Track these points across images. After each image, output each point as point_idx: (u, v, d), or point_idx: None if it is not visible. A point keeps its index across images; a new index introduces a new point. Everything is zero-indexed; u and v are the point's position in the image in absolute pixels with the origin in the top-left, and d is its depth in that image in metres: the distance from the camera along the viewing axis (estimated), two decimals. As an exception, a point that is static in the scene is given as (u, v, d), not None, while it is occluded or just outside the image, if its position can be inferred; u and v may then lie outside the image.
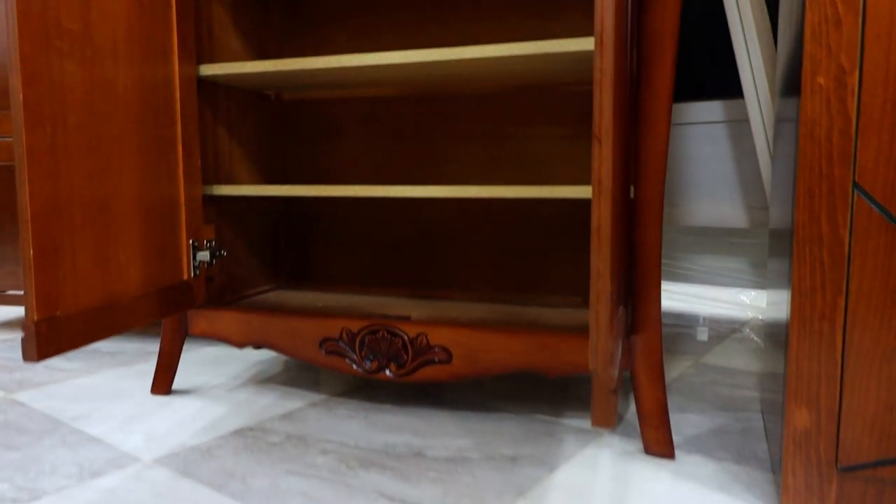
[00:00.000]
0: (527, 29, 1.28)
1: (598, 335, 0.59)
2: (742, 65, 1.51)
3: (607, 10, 0.60)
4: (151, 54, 1.05)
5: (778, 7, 1.56)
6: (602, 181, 0.57)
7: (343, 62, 1.10)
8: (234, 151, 1.33)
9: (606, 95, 0.56)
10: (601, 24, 0.57)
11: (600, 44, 0.57)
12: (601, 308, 0.58)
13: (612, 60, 0.59)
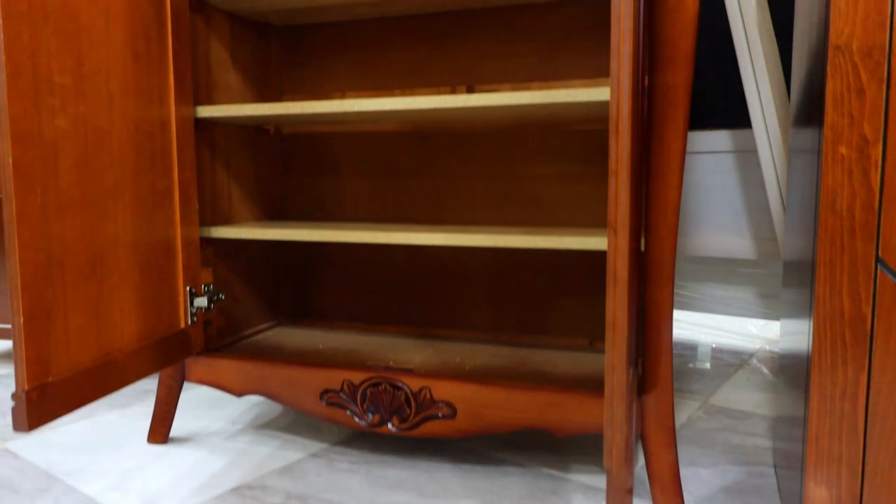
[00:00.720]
0: (529, 65, 1.25)
1: (613, 432, 0.56)
2: (750, 95, 1.48)
3: (623, 99, 0.58)
4: (147, 101, 1.02)
5: (785, 34, 1.53)
6: (618, 273, 0.54)
7: (344, 107, 1.07)
8: (232, 189, 1.30)
9: (623, 185, 0.53)
10: (617, 111, 0.54)
11: (616, 132, 0.54)
12: (616, 405, 0.55)
13: (629, 148, 0.56)
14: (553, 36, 1.24)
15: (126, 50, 0.97)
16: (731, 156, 1.66)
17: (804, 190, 0.89)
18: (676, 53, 0.83)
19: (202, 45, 1.20)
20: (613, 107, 0.69)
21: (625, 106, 0.73)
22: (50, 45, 0.83)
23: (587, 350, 1.25)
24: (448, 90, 1.32)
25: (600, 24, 1.21)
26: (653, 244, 0.89)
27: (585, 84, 1.22)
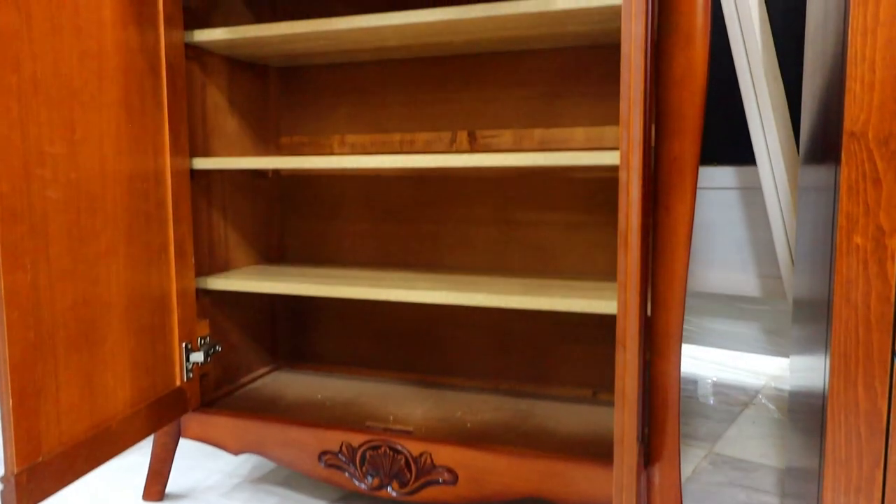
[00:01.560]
0: (531, 110, 1.23)
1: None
2: (755, 135, 1.46)
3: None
4: (142, 159, 1.00)
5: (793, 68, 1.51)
6: (626, 391, 0.52)
7: (343, 163, 1.04)
8: (229, 234, 1.28)
9: (632, 304, 0.51)
10: (625, 224, 0.52)
11: (624, 245, 0.52)
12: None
13: (638, 263, 0.54)
14: (555, 81, 1.21)
15: (120, 109, 0.95)
16: (735, 192, 1.64)
17: (815, 228, 0.87)
18: (684, 124, 0.81)
19: (198, 92, 1.18)
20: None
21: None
22: (40, 115, 0.81)
23: (591, 402, 1.23)
24: (448, 135, 1.29)
25: (603, 70, 1.19)
26: (659, 315, 0.87)
27: (588, 132, 1.20)
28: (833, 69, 0.79)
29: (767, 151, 1.45)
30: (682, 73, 0.81)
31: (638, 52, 0.70)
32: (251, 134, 1.34)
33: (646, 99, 0.75)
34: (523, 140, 1.24)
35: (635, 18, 0.74)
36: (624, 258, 0.70)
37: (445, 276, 1.18)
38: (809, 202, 1.00)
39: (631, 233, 0.69)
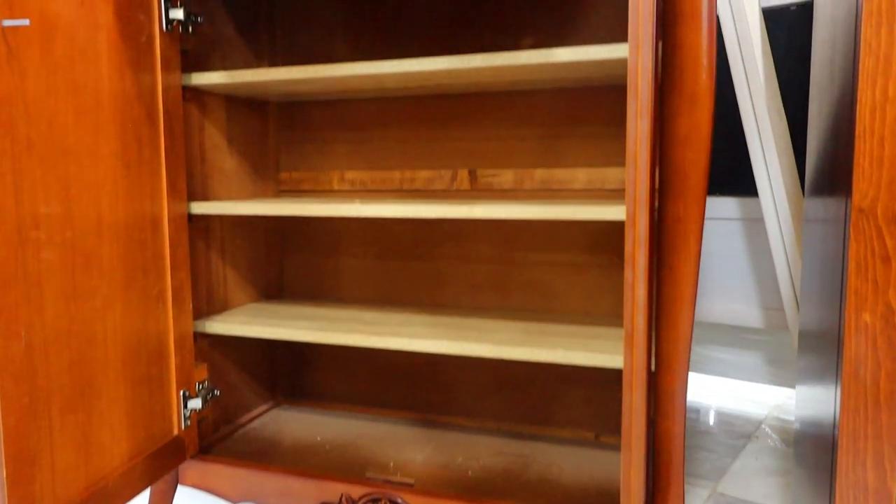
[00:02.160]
0: (532, 150, 1.22)
1: None
2: (758, 169, 1.45)
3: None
4: (139, 209, 0.99)
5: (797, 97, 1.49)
6: (632, 488, 0.51)
7: (342, 211, 1.03)
8: (228, 274, 1.27)
9: (638, 401, 0.50)
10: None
11: (630, 346, 0.51)
12: None
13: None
14: (557, 121, 1.20)
15: (117, 161, 0.94)
16: (738, 223, 1.62)
17: (822, 261, 0.87)
18: (687, 185, 0.80)
19: (196, 132, 1.17)
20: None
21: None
22: (35, 176, 0.80)
23: (593, 445, 1.21)
24: (449, 173, 1.28)
25: (606, 111, 1.17)
26: (663, 375, 0.86)
27: (590, 172, 1.19)
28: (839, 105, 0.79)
29: (770, 185, 1.44)
30: (686, 135, 0.79)
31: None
32: (250, 171, 1.33)
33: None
34: (524, 180, 1.23)
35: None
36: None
37: (446, 319, 1.17)
38: (815, 234, 1.00)
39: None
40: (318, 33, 1.33)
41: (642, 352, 0.62)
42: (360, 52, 1.31)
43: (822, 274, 0.87)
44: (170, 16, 1.04)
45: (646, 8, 0.59)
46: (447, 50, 1.25)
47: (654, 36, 0.76)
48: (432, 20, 1.25)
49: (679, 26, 0.77)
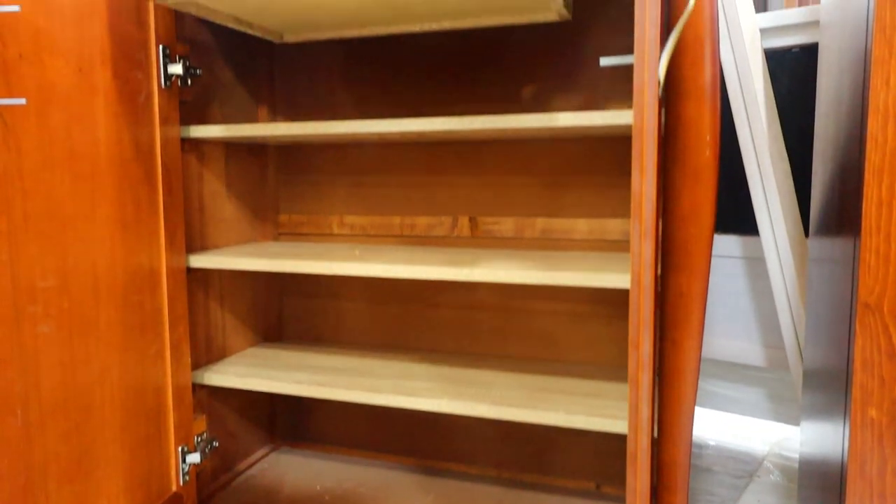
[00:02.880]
0: (533, 198, 1.21)
1: None
2: (759, 209, 1.44)
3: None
4: (138, 268, 0.98)
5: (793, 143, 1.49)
6: None
7: (345, 270, 1.03)
8: (227, 321, 1.26)
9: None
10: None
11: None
12: None
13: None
14: (559, 170, 1.19)
15: (115, 224, 0.93)
16: (740, 261, 1.62)
17: (829, 300, 0.87)
18: (691, 261, 0.79)
19: (195, 182, 1.16)
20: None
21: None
22: (31, 252, 0.79)
23: (594, 496, 1.20)
24: (450, 220, 1.27)
25: (608, 162, 1.17)
26: (666, 448, 0.85)
27: (591, 223, 1.18)
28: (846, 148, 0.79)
29: (772, 227, 1.43)
30: (688, 210, 0.79)
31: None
32: (249, 214, 1.32)
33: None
34: (525, 228, 1.22)
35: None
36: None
37: (446, 371, 1.16)
38: (821, 274, 1.00)
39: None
40: (318, 78, 1.32)
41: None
42: (359, 96, 1.30)
43: (828, 313, 0.87)
44: (168, 71, 1.03)
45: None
46: (446, 94, 1.24)
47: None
48: (432, 69, 1.24)
49: (682, 101, 0.77)
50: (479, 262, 1.01)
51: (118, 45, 0.92)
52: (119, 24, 0.92)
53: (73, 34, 0.84)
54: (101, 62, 0.89)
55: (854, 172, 0.72)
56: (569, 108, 1.18)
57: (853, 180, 0.73)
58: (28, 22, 0.77)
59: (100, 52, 0.89)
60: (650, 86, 0.57)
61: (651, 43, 0.53)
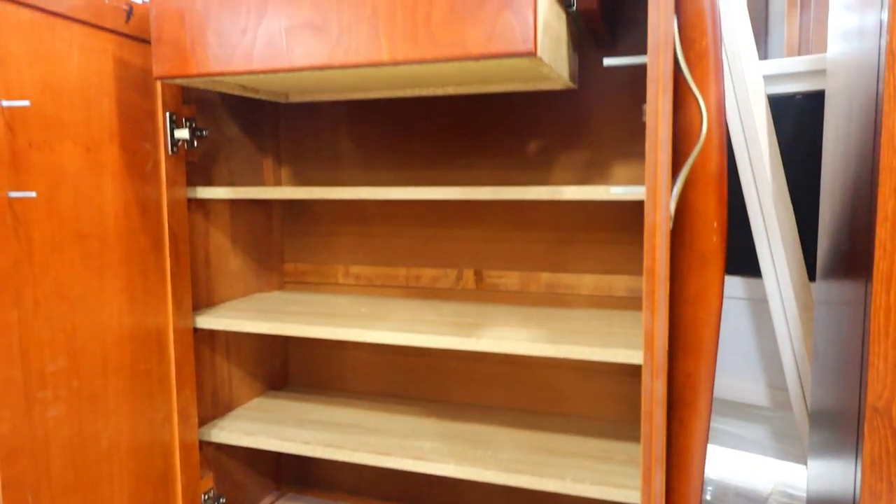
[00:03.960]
0: (538, 253, 1.21)
1: None
2: (763, 256, 1.44)
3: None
4: (145, 339, 0.98)
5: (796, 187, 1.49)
6: None
7: (349, 335, 1.03)
8: (233, 374, 1.26)
9: None
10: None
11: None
12: None
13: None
14: (565, 225, 1.20)
15: (123, 297, 0.93)
16: (744, 302, 1.62)
17: (838, 342, 0.88)
18: (698, 344, 0.80)
19: (201, 238, 1.17)
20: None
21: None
22: (42, 337, 0.79)
23: (600, 551, 1.21)
24: (455, 272, 1.28)
25: (614, 218, 1.17)
26: None
27: (597, 279, 1.18)
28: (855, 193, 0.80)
29: (776, 274, 1.44)
30: (695, 294, 0.79)
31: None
32: (254, 265, 1.32)
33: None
34: (531, 283, 1.23)
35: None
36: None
37: (452, 427, 1.17)
38: (829, 316, 1.02)
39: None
40: (323, 132, 1.33)
41: None
42: (365, 150, 1.30)
43: (837, 355, 0.88)
44: (175, 136, 1.03)
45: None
46: (451, 149, 1.24)
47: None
48: (438, 125, 1.25)
49: (690, 188, 0.77)
50: (484, 328, 1.01)
51: (126, 119, 0.93)
52: (127, 96, 0.93)
53: (82, 115, 0.85)
54: (108, 138, 0.90)
55: (863, 217, 0.73)
56: (574, 165, 1.18)
57: (862, 226, 0.74)
58: (37, 112, 0.77)
59: (108, 128, 0.89)
60: (662, 227, 0.57)
61: (662, 183, 0.53)
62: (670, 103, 0.52)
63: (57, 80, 0.80)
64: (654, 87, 0.52)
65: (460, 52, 0.72)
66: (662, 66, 0.51)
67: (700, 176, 0.76)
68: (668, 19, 0.52)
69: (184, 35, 0.82)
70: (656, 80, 0.52)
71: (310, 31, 0.77)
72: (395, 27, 0.73)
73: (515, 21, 0.69)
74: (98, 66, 0.87)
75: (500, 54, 0.70)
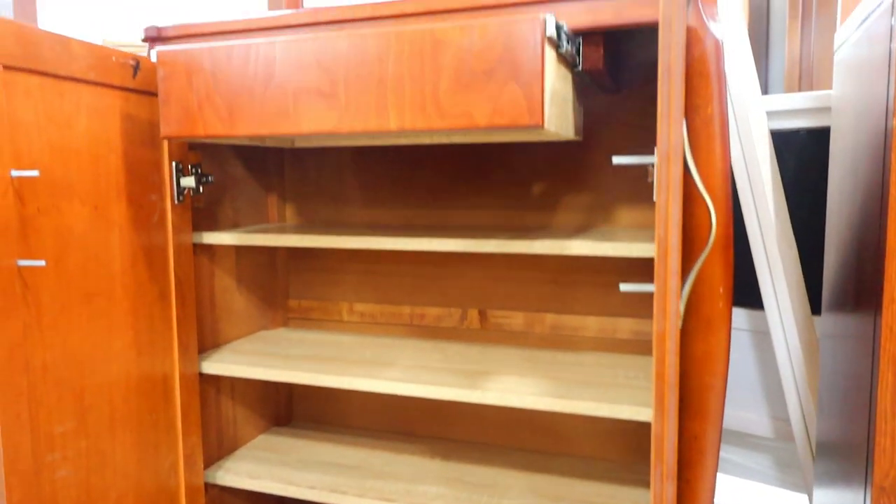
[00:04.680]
0: (542, 294, 1.22)
1: None
2: (766, 293, 1.45)
3: None
4: (151, 391, 0.98)
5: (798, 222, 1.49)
6: None
7: (356, 385, 1.03)
8: (238, 414, 1.27)
9: None
10: None
11: None
12: None
13: None
14: (568, 268, 1.20)
15: (129, 350, 0.94)
16: (748, 333, 1.62)
17: (845, 374, 0.89)
18: (704, 407, 0.80)
19: (206, 280, 1.17)
20: None
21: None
22: (50, 401, 0.79)
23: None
24: (459, 311, 1.28)
25: (618, 261, 1.17)
26: (679, 584, 0.85)
27: (601, 322, 1.19)
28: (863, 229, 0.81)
29: (779, 310, 1.44)
30: (702, 357, 0.79)
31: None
32: (259, 303, 1.33)
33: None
34: (535, 323, 1.23)
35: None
36: None
37: (457, 469, 1.17)
38: (836, 349, 1.03)
39: None
40: (327, 171, 1.33)
41: None
42: (369, 189, 1.30)
43: (845, 386, 0.89)
44: (181, 185, 1.04)
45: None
46: (455, 190, 1.24)
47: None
48: (442, 167, 1.25)
49: (696, 254, 0.77)
50: (490, 378, 1.01)
51: (132, 173, 0.93)
52: (133, 150, 0.93)
53: (90, 175, 0.85)
54: (116, 195, 0.90)
55: (871, 253, 0.74)
56: (578, 207, 1.18)
57: (870, 261, 0.75)
58: (46, 177, 0.78)
59: (115, 184, 0.90)
60: (672, 333, 0.57)
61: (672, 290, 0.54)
62: (680, 210, 0.52)
63: (65, 143, 0.81)
64: (664, 195, 0.52)
65: (467, 122, 0.72)
66: (673, 174, 0.51)
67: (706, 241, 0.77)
68: (677, 129, 0.52)
69: (191, 97, 0.83)
70: (666, 188, 0.52)
71: (318, 97, 0.77)
72: (403, 97, 0.74)
73: (522, 94, 0.70)
74: (105, 124, 0.88)
75: (506, 127, 0.71)
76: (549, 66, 0.71)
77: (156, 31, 1.02)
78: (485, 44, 0.70)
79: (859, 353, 0.82)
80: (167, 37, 1.02)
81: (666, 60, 0.59)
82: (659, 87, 0.63)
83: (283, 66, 0.78)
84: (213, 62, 0.81)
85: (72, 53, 0.81)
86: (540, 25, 0.68)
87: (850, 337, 0.90)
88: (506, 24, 0.69)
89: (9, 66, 0.72)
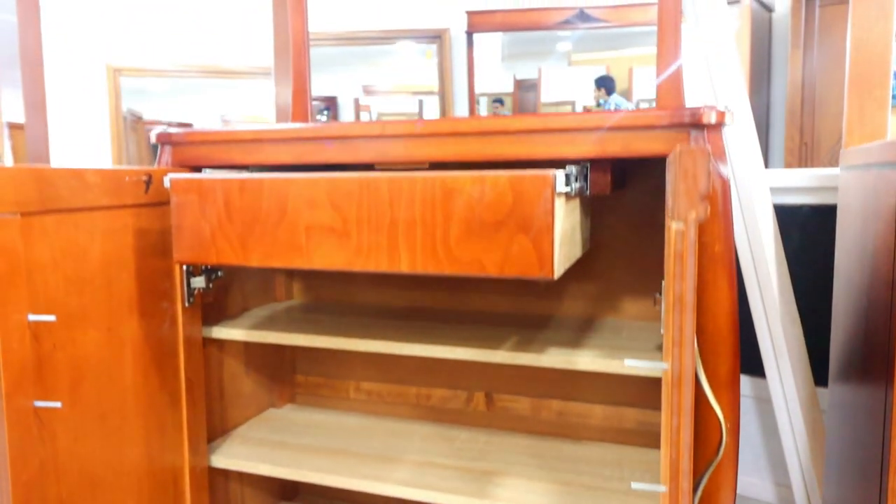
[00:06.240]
0: (548, 380, 1.22)
1: None
2: (769, 366, 1.45)
3: None
4: (162, 494, 0.99)
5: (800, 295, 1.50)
6: None
7: (363, 487, 1.04)
8: (245, 495, 1.28)
9: None
10: None
11: None
12: None
13: None
14: (573, 354, 1.21)
15: (141, 460, 0.95)
16: (750, 400, 1.63)
17: (853, 443, 0.91)
18: (712, 486, 0.81)
19: (215, 370, 1.18)
20: None
21: None
22: None
23: None
24: (465, 394, 1.29)
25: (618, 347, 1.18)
26: None
27: (607, 410, 1.19)
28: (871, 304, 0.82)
29: (781, 382, 1.44)
30: (712, 488, 0.80)
31: None
32: (267, 382, 1.34)
33: None
34: (541, 409, 1.24)
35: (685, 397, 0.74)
36: None
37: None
38: (843, 418, 1.04)
39: None
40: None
41: None
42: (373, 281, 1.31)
43: (852, 457, 0.91)
44: (192, 286, 1.05)
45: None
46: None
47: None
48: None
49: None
50: (497, 482, 1.02)
51: (144, 285, 0.94)
52: (145, 263, 0.94)
53: (103, 298, 0.86)
54: (128, 312, 0.91)
55: (880, 328, 0.75)
56: (584, 296, 1.19)
57: (880, 336, 0.76)
58: (61, 313, 0.79)
59: (127, 302, 0.91)
60: None
61: (685, 493, 0.54)
62: (692, 424, 0.53)
63: (80, 274, 0.82)
64: (675, 419, 0.53)
65: (478, 269, 0.73)
66: (685, 396, 0.52)
67: (712, 380, 0.78)
68: (689, 349, 0.53)
69: (204, 225, 0.84)
70: (678, 411, 0.53)
71: (330, 235, 0.79)
72: (415, 242, 0.75)
73: (532, 247, 0.71)
74: (118, 244, 0.89)
75: (516, 276, 0.72)
76: (558, 216, 0.72)
77: (167, 137, 1.03)
78: (495, 195, 0.71)
79: (869, 426, 0.84)
80: (177, 142, 1.03)
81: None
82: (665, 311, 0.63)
83: (295, 202, 0.79)
84: (226, 194, 0.82)
85: (86, 184, 0.82)
86: (550, 183, 0.69)
87: (859, 409, 0.92)
88: (516, 179, 0.70)
89: (26, 213, 0.74)
